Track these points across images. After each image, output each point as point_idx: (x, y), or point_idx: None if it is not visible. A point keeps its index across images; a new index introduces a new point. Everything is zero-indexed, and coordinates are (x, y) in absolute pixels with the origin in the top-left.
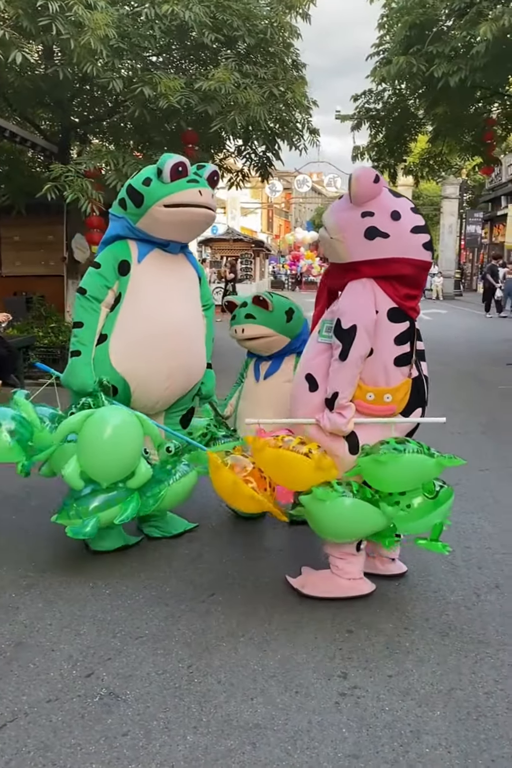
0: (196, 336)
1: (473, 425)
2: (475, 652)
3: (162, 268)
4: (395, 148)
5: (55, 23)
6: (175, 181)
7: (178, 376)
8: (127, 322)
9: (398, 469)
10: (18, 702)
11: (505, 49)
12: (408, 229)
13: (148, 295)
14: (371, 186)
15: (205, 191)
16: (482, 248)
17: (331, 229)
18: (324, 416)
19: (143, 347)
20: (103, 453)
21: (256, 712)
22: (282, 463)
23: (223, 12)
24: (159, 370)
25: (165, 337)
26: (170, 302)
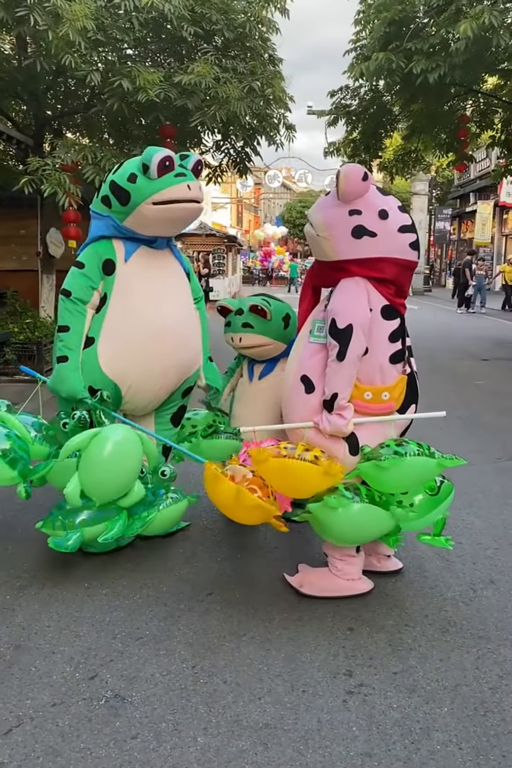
0: (189, 332)
1: (453, 420)
2: (477, 647)
3: (149, 266)
4: (370, 145)
5: (32, 14)
6: (163, 176)
7: (172, 375)
8: (115, 323)
9: (400, 472)
10: (22, 706)
11: (484, 46)
12: (396, 229)
13: (136, 295)
14: (359, 183)
15: (193, 184)
16: (450, 244)
17: (318, 226)
18: (323, 418)
19: (135, 349)
20: (106, 473)
21: (264, 712)
22: (288, 472)
23: (201, 5)
24: (152, 371)
25: (157, 337)
26: (160, 300)
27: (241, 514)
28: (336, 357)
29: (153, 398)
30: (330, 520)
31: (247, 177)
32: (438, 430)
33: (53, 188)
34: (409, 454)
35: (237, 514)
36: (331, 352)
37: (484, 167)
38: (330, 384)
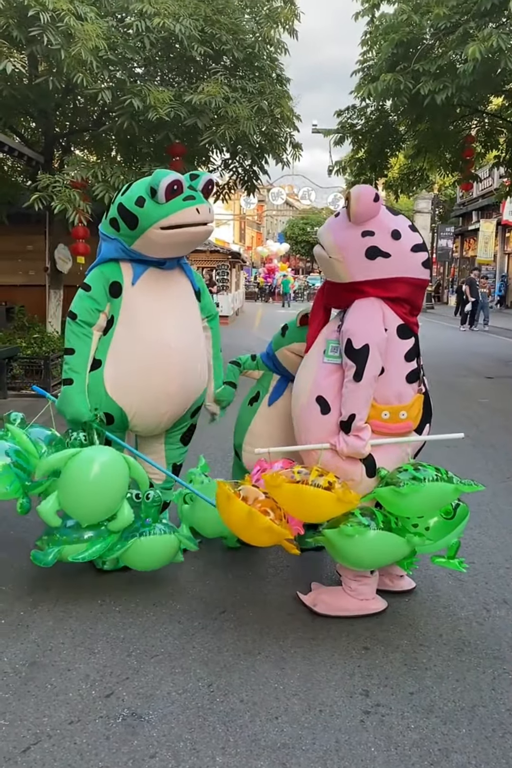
0: (195, 355)
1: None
2: (492, 668)
3: (156, 289)
4: (376, 164)
5: (45, 33)
6: (171, 200)
7: (177, 400)
8: (121, 347)
9: (418, 498)
10: (40, 724)
11: (490, 68)
12: (409, 248)
13: (140, 319)
14: (371, 205)
15: (203, 207)
16: (453, 262)
17: (330, 248)
18: (340, 440)
19: (139, 374)
20: (84, 495)
21: (282, 732)
22: (301, 498)
23: (211, 26)
24: (157, 397)
25: (162, 362)
26: (166, 324)
27: (252, 536)
28: (353, 377)
29: (159, 422)
30: (346, 546)
31: (254, 195)
32: (446, 449)
33: (63, 205)
34: (427, 479)
35: (248, 535)
36: (348, 372)
37: (487, 186)
38: (347, 405)
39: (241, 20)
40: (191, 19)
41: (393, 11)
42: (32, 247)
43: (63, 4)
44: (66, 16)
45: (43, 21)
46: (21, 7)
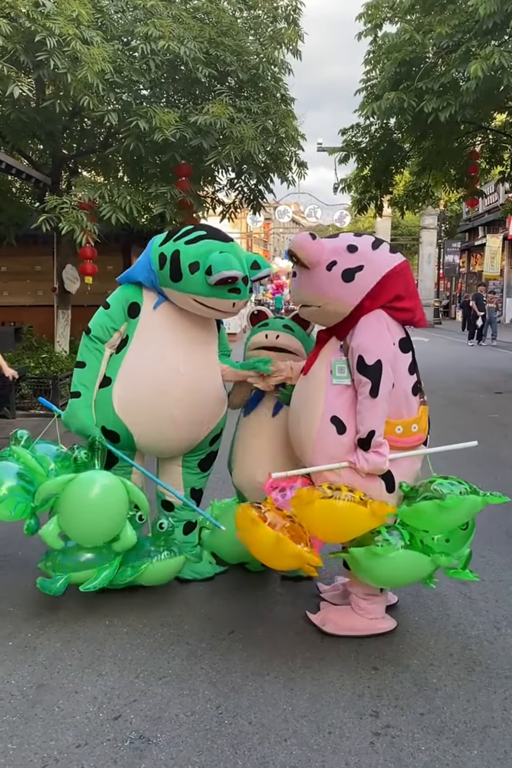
0: (206, 383)
1: (471, 455)
2: (504, 687)
3: (175, 317)
4: (381, 181)
5: (52, 58)
6: (218, 285)
7: (184, 426)
8: (131, 367)
9: (458, 511)
10: (47, 747)
11: (493, 85)
12: (371, 248)
13: (155, 342)
14: (314, 243)
15: (240, 303)
16: (460, 277)
17: (313, 300)
18: (360, 457)
19: (146, 396)
20: (83, 518)
21: (291, 754)
22: (335, 514)
23: (216, 48)
24: (161, 421)
25: (168, 385)
26: (177, 349)
27: (277, 562)
28: (369, 394)
29: (165, 448)
30: (373, 565)
31: (259, 213)
32: (456, 465)
33: (71, 226)
34: (462, 492)
35: (273, 561)
36: (362, 389)
37: (493, 201)
38: (365, 422)
39: (245, 42)
40: (196, 41)
41: (395, 31)
42: (40, 268)
43: (69, 29)
44: (72, 40)
45: (49, 46)
46: (28, 32)
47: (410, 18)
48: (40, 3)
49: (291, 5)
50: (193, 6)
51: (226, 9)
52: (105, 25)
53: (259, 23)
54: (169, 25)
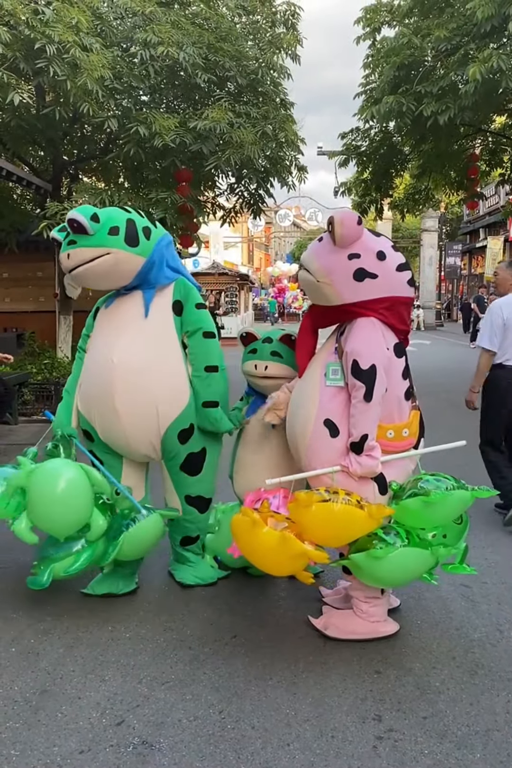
0: (149, 373)
1: (470, 456)
2: (507, 690)
3: (116, 310)
4: (381, 184)
5: (51, 65)
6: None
7: (128, 419)
8: (86, 365)
9: (445, 506)
10: (50, 753)
11: (492, 88)
12: (394, 268)
13: (97, 337)
14: (355, 228)
15: (63, 255)
16: (461, 279)
17: (317, 273)
18: (352, 461)
19: (91, 389)
20: (49, 507)
21: (294, 759)
22: (332, 517)
23: (215, 53)
24: (105, 412)
25: (105, 377)
26: (114, 341)
27: (279, 565)
28: (363, 398)
29: (126, 441)
30: (376, 568)
31: (260, 218)
32: (456, 467)
33: None
34: (448, 488)
35: (274, 564)
36: (356, 393)
37: (493, 203)
38: (358, 426)
39: (244, 47)
40: (195, 47)
41: (394, 35)
42: (42, 274)
43: (68, 36)
44: (72, 47)
45: (49, 53)
46: (27, 40)
47: (408, 22)
48: (40, 11)
49: (290, 10)
50: (192, 12)
51: (225, 14)
52: (104, 32)
53: (258, 28)
54: (168, 31)
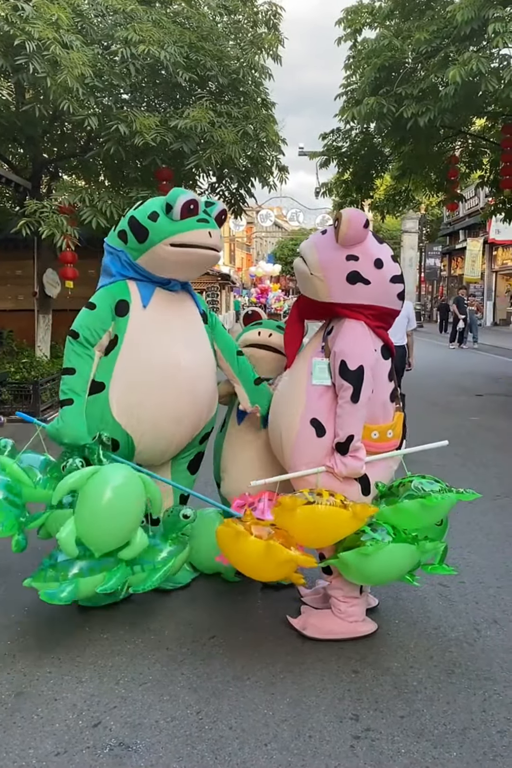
0: (205, 375)
1: (450, 457)
2: (483, 689)
3: (165, 310)
4: (362, 185)
5: (31, 62)
6: (185, 219)
7: (186, 423)
8: (128, 369)
9: (439, 509)
10: (25, 756)
11: (472, 91)
12: (388, 279)
13: (151, 340)
14: (361, 230)
15: (215, 232)
16: (441, 281)
17: (313, 265)
18: (337, 461)
19: (149, 396)
20: (105, 520)
21: (271, 759)
22: (317, 519)
23: (196, 52)
24: (165, 420)
25: (172, 382)
26: (175, 345)
27: (267, 573)
28: (350, 399)
29: (167, 447)
30: (365, 565)
31: (241, 218)
32: (436, 467)
33: (51, 230)
34: (441, 490)
35: (262, 572)
36: (343, 393)
37: (473, 205)
38: (345, 426)
39: (226, 47)
40: (176, 45)
41: (375, 36)
42: (21, 272)
43: (48, 32)
44: (52, 44)
45: (29, 50)
46: (7, 36)
47: (389, 24)
48: (19, 7)
49: (272, 10)
50: (173, 10)
51: (207, 14)
52: (85, 29)
53: (240, 28)
54: (149, 30)
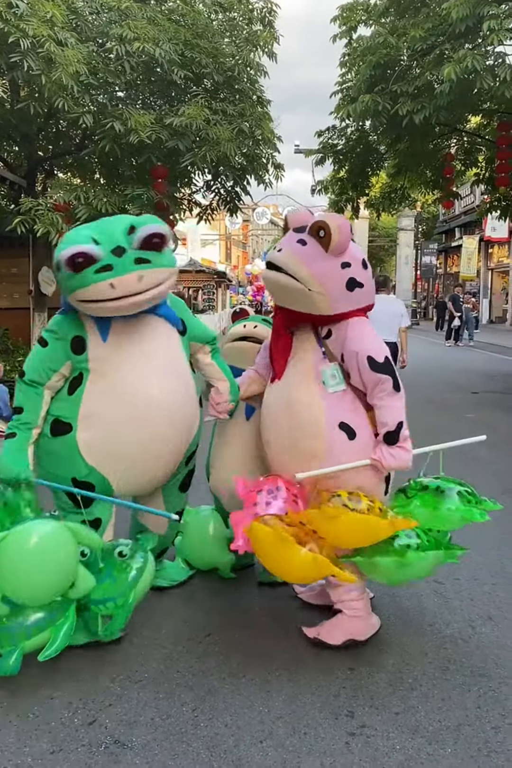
0: (184, 402)
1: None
2: (477, 686)
3: (130, 342)
4: (358, 183)
5: (26, 59)
6: (82, 271)
7: (168, 455)
8: (96, 408)
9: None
10: (21, 754)
11: (467, 88)
12: (371, 276)
13: (120, 375)
14: (349, 235)
15: (122, 280)
16: (437, 278)
17: (309, 281)
18: (385, 453)
19: (122, 435)
20: (27, 579)
21: (266, 756)
22: (358, 528)
23: (191, 50)
24: (145, 456)
25: (147, 417)
26: (145, 380)
27: (304, 578)
28: (392, 389)
29: (151, 480)
30: (400, 570)
31: (236, 215)
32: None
33: (46, 228)
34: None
35: (299, 577)
36: (383, 386)
37: (469, 203)
38: (393, 414)
39: (221, 44)
40: (171, 43)
41: (370, 34)
42: (16, 271)
43: (43, 30)
44: (46, 42)
45: (23, 47)
46: (1, 34)
47: (384, 21)
48: (14, 4)
49: (267, 7)
50: (168, 8)
51: (202, 11)
52: (79, 27)
53: (235, 25)
54: (144, 27)
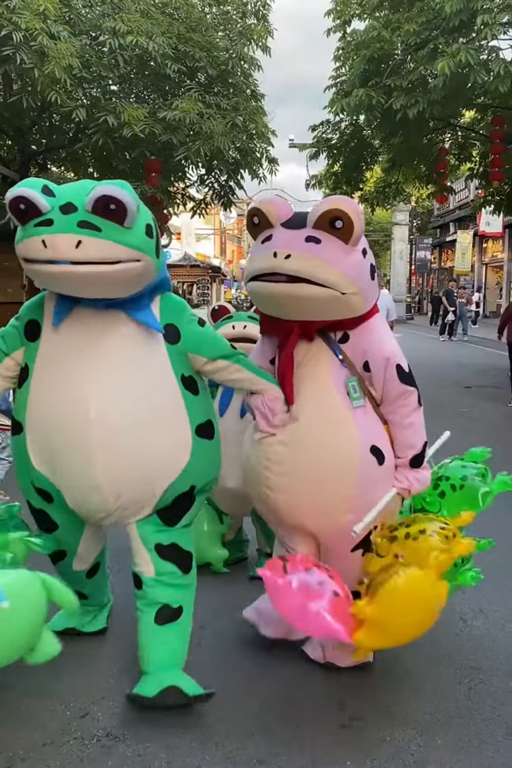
0: (140, 432)
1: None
2: (469, 678)
3: (85, 336)
4: (352, 177)
5: (18, 53)
6: (26, 224)
7: (111, 490)
8: (38, 408)
9: None
10: (12, 747)
11: (461, 83)
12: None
13: (56, 379)
14: (363, 221)
15: (55, 239)
16: (431, 273)
17: (340, 284)
18: (411, 479)
19: (56, 447)
20: None
21: (258, 748)
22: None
23: (185, 43)
24: (80, 481)
25: (78, 437)
26: (89, 387)
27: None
28: (417, 403)
29: (104, 515)
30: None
31: (230, 210)
32: None
33: None
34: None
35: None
36: (410, 399)
37: (463, 197)
38: (421, 435)
39: (215, 38)
40: (164, 36)
41: (364, 27)
42: (9, 264)
43: (36, 23)
44: (39, 35)
45: (16, 40)
46: None
47: (378, 15)
48: None
49: (261, 1)
50: (162, 1)
51: (195, 4)
52: (72, 20)
53: (229, 19)
54: (138, 20)
